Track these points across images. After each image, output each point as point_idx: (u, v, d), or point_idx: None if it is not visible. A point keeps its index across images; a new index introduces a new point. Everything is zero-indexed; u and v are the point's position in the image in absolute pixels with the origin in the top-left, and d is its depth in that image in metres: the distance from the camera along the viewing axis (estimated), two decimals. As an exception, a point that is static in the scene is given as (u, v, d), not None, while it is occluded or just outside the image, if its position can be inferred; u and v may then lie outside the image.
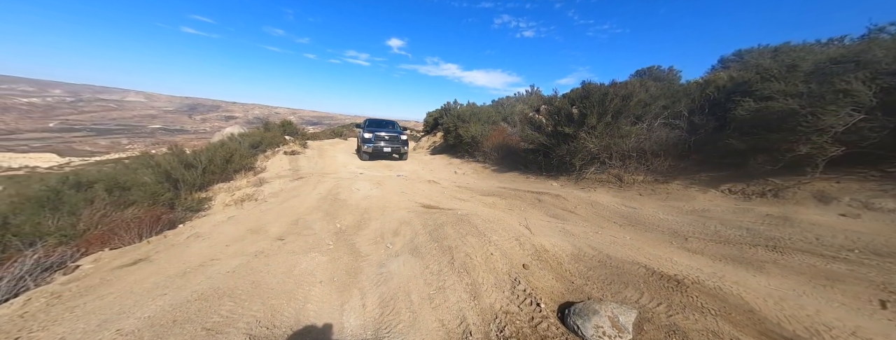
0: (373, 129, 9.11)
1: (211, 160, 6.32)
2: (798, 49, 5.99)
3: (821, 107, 3.30)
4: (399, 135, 9.01)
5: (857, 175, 3.25)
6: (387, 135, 8.69)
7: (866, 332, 1.45)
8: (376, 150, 8.56)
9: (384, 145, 8.61)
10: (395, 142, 8.83)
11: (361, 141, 8.95)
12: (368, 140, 8.57)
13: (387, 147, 8.65)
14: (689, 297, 1.83)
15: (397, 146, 8.86)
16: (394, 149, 8.81)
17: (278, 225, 3.48)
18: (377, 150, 8.57)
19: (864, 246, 2.26)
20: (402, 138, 9.07)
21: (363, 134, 8.91)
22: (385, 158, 9.14)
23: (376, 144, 8.53)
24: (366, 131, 8.95)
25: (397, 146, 8.86)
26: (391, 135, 8.80)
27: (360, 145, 9.18)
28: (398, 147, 8.89)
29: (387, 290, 2.04)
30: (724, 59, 10.05)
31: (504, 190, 5.22)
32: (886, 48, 3.38)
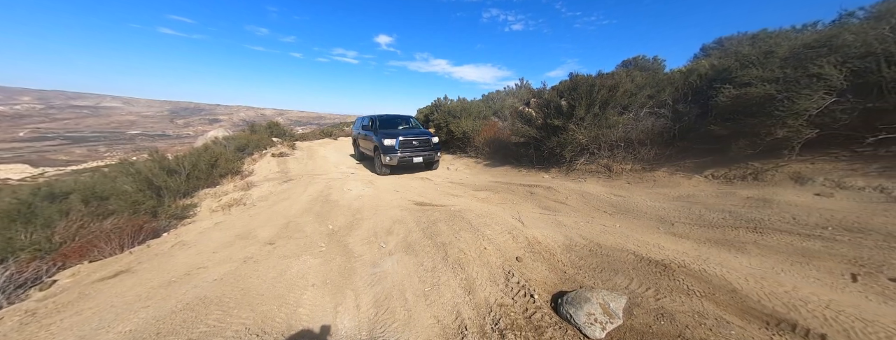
0: (391, 132, 6.64)
1: (195, 165, 6.12)
2: (774, 35, 6.17)
3: (796, 91, 3.42)
4: (430, 137, 6.63)
5: (830, 156, 3.39)
6: (416, 140, 6.34)
7: (839, 305, 1.53)
8: (404, 161, 6.11)
9: (414, 154, 6.18)
10: (426, 148, 6.49)
11: (381, 149, 6.17)
12: (390, 148, 6.10)
13: (418, 156, 6.21)
14: (675, 281, 1.89)
15: (430, 153, 6.47)
16: (426, 158, 6.39)
17: (268, 229, 3.41)
18: (405, 161, 6.12)
19: (837, 223, 2.37)
20: (434, 141, 6.70)
21: (381, 140, 6.18)
22: (413, 170, 6.90)
23: (404, 153, 6.11)
24: (383, 136, 6.28)
25: (430, 153, 6.47)
26: (421, 139, 6.43)
27: (376, 155, 6.50)
28: (431, 154, 6.50)
29: (381, 290, 2.03)
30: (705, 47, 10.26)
31: (496, 185, 5.25)
32: (855, 32, 3.50)
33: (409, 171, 6.81)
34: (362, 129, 7.92)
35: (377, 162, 6.55)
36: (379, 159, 6.39)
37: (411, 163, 6.31)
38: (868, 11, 4.12)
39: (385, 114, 7.87)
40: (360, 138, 8.06)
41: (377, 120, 7.31)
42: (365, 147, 7.71)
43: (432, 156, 6.61)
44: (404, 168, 6.61)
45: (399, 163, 6.12)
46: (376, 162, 6.59)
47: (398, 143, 6.16)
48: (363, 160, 8.48)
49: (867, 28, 3.47)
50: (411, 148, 6.38)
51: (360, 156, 8.50)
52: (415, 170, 6.94)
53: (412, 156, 6.26)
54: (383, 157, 6.12)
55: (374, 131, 6.92)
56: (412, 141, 6.35)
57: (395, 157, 6.07)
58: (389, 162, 6.11)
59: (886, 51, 3.12)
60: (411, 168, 6.75)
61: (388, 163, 6.14)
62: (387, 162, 6.13)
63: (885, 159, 3.07)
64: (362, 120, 8.37)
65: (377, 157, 6.50)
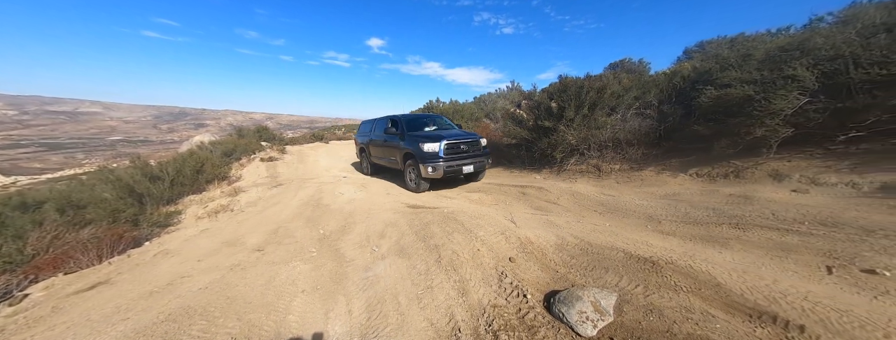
0: (428, 134, 5.16)
1: (179, 171, 5.94)
2: (751, 39, 6.44)
3: (772, 91, 3.57)
4: (478, 139, 5.25)
5: (805, 153, 3.54)
6: (464, 144, 4.92)
7: (816, 296, 1.60)
8: (452, 171, 4.68)
9: (463, 161, 4.77)
10: (476, 153, 5.08)
11: (418, 157, 4.73)
12: (432, 155, 4.65)
13: (467, 163, 4.78)
14: (663, 277, 1.93)
15: (481, 159, 5.07)
16: (477, 166, 4.98)
17: (256, 235, 3.33)
18: (453, 171, 4.69)
19: (813, 218, 2.48)
20: (483, 144, 5.33)
21: (417, 146, 4.78)
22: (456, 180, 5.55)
23: (451, 161, 4.68)
24: (419, 140, 4.83)
25: (481, 159, 5.07)
26: (468, 141, 5.03)
27: (408, 166, 5.10)
28: (482, 161, 5.09)
29: (373, 294, 2.01)
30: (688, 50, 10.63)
31: (489, 186, 5.27)
32: (825, 36, 3.70)
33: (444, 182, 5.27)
34: (380, 135, 6.11)
35: (410, 175, 5.01)
36: (414, 171, 4.88)
37: (460, 172, 4.75)
38: (836, 16, 4.35)
39: (408, 114, 6.43)
40: (374, 146, 6.43)
41: (402, 121, 5.60)
42: (383, 156, 6.10)
43: (483, 162, 5.12)
44: (451, 177, 4.94)
45: (445, 173, 4.57)
46: (409, 175, 5.06)
47: (443, 149, 4.66)
48: (377, 173, 6.94)
49: (836, 32, 3.67)
50: (459, 154, 4.86)
51: (371, 168, 6.84)
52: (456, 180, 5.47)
53: (461, 163, 4.73)
54: (423, 168, 4.57)
55: (399, 136, 5.36)
56: (460, 144, 4.86)
57: (440, 167, 4.53)
58: (432, 173, 4.54)
59: (853, 53, 3.30)
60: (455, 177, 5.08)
61: (430, 175, 4.56)
62: (429, 174, 4.55)
63: (855, 156, 3.23)
64: (375, 123, 6.64)
65: (410, 169, 4.99)
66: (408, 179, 5.22)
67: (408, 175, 5.20)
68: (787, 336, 1.38)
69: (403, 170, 5.34)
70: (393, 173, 6.64)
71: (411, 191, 5.10)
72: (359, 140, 7.42)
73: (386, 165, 6.28)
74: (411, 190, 5.12)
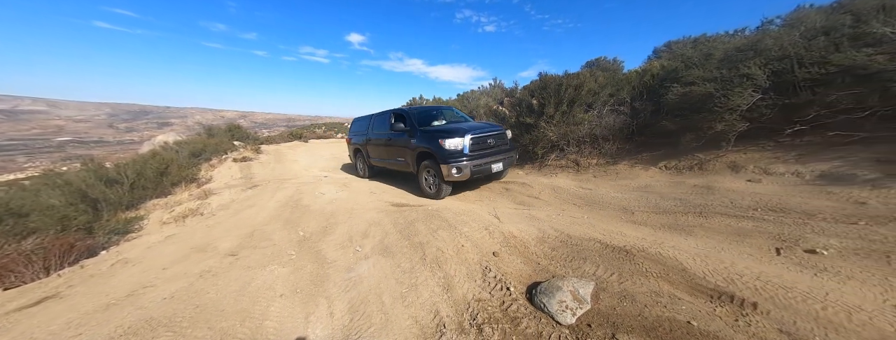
0: (447, 128, 4.39)
1: (140, 173, 5.49)
2: (712, 39, 6.91)
3: (730, 89, 3.86)
4: (504, 132, 4.59)
5: (758, 146, 3.87)
6: (491, 137, 4.25)
7: (766, 275, 1.76)
8: (480, 170, 4.00)
9: (492, 158, 4.13)
10: (504, 147, 4.46)
11: (439, 157, 3.98)
12: (456, 153, 3.91)
13: (496, 160, 4.15)
14: (636, 264, 2.05)
15: (509, 155, 4.46)
16: (506, 162, 4.35)
17: (230, 239, 3.16)
18: (481, 170, 4.01)
19: (765, 205, 2.72)
20: (509, 136, 4.73)
21: (436, 143, 4.04)
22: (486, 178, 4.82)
23: (478, 159, 3.99)
24: (437, 135, 4.11)
25: (509, 155, 4.46)
26: (495, 134, 4.34)
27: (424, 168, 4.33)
28: (511, 157, 4.50)
29: (356, 295, 1.97)
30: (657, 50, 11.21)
31: (473, 183, 5.32)
32: (775, 38, 4.03)
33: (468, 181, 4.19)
34: (382, 132, 5.28)
35: (427, 178, 4.28)
36: (432, 173, 4.16)
37: (490, 170, 4.07)
38: (784, 19, 4.75)
39: (416, 107, 5.54)
40: (373, 146, 5.63)
41: (412, 115, 4.77)
42: (386, 157, 5.27)
43: (512, 158, 4.51)
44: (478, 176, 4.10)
45: (473, 174, 3.87)
46: (425, 178, 4.31)
47: (469, 145, 3.93)
48: (376, 176, 6.20)
49: (783, 34, 4.01)
50: (487, 149, 4.15)
51: (370, 171, 6.09)
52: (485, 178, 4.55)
53: (490, 161, 4.06)
54: (446, 169, 3.82)
55: (408, 132, 4.61)
56: (487, 138, 4.16)
57: (467, 166, 3.81)
58: (457, 175, 3.81)
59: (798, 54, 3.63)
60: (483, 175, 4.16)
61: (455, 177, 3.82)
62: (454, 176, 3.81)
63: (800, 147, 3.57)
64: (373, 120, 5.78)
65: (427, 172, 4.25)
66: (423, 184, 4.35)
67: (423, 178, 4.35)
68: (742, 313, 1.51)
69: (416, 172, 4.47)
70: (396, 177, 5.87)
71: (430, 198, 4.27)
72: (353, 140, 6.49)
73: (390, 168, 5.34)
74: (430, 197, 4.29)
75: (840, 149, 3.25)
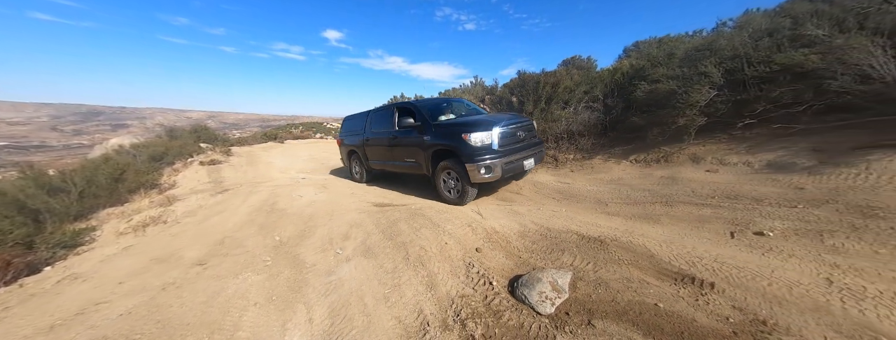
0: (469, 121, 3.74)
1: (90, 180, 4.99)
2: (674, 39, 7.38)
3: (690, 86, 4.15)
4: (532, 123, 4.15)
5: (715, 139, 4.20)
6: (522, 130, 3.75)
7: (722, 257, 1.93)
8: (512, 169, 3.49)
9: (523, 154, 3.65)
10: (533, 142, 4.02)
11: (463, 155, 3.39)
12: (484, 150, 3.35)
13: (527, 157, 3.68)
14: (609, 253, 2.17)
15: (539, 150, 3.99)
16: (537, 159, 3.89)
17: (197, 248, 2.96)
18: (513, 168, 3.50)
19: (721, 193, 2.97)
20: (535, 128, 4.26)
21: (456, 138, 3.50)
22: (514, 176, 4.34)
23: (509, 156, 3.46)
24: (457, 129, 3.57)
25: (539, 150, 3.99)
26: (525, 125, 3.86)
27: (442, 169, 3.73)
28: (540, 152, 4.05)
29: (337, 298, 1.93)
30: (627, 49, 11.80)
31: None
32: (728, 38, 4.38)
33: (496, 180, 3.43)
34: (384, 130, 4.68)
35: (447, 181, 3.71)
36: (453, 175, 3.59)
37: (522, 169, 3.59)
38: (735, 21, 5.16)
39: (424, 100, 4.94)
40: (372, 147, 5.01)
41: (423, 108, 4.14)
42: (390, 159, 4.68)
43: (542, 153, 4.05)
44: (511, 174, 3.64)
45: (504, 172, 3.35)
46: (444, 181, 3.73)
47: (497, 139, 3.40)
48: (375, 181, 5.57)
49: (734, 35, 4.36)
50: (517, 143, 3.65)
51: (368, 175, 5.48)
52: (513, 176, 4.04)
53: (522, 157, 3.57)
54: (473, 169, 3.27)
55: (419, 129, 4.01)
56: (516, 131, 3.65)
57: (498, 165, 3.28)
58: (487, 176, 3.27)
59: (747, 54, 3.97)
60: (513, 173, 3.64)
61: (484, 178, 3.27)
62: (482, 176, 3.26)
63: (750, 140, 3.92)
64: (370, 117, 5.13)
65: (446, 173, 3.66)
66: (442, 188, 3.77)
67: (441, 182, 3.75)
68: (702, 293, 1.65)
69: (432, 175, 3.88)
70: (401, 181, 5.26)
71: (452, 204, 3.65)
72: (346, 141, 5.82)
73: (396, 171, 4.70)
74: (451, 203, 3.68)
75: (783, 140, 3.61)
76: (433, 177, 3.91)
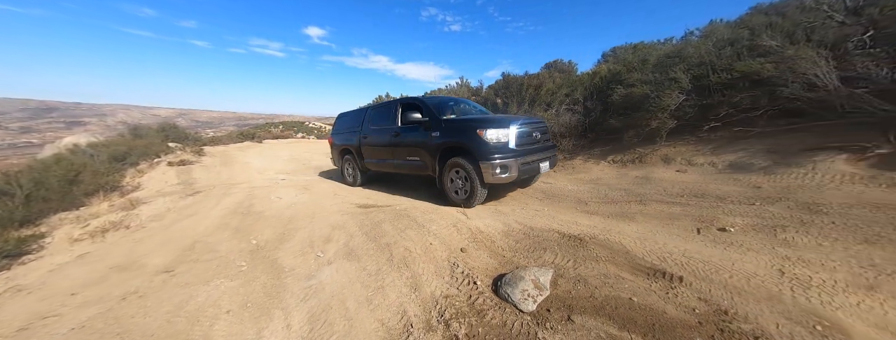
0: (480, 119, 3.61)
1: (39, 182, 4.54)
2: (647, 46, 7.79)
3: (661, 91, 4.39)
4: (546, 125, 4.00)
5: (684, 141, 4.48)
6: (537, 131, 3.59)
7: (690, 252, 2.06)
8: (527, 170, 3.32)
9: (539, 156, 3.49)
10: (548, 143, 3.87)
11: (477, 153, 3.16)
12: (498, 148, 3.17)
13: (543, 159, 3.53)
14: (588, 251, 2.25)
15: (553, 152, 3.84)
16: (552, 162, 3.73)
17: (163, 254, 2.77)
18: (528, 170, 3.34)
19: (689, 191, 3.17)
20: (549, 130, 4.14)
21: (470, 135, 3.31)
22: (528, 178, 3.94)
23: (525, 156, 3.30)
24: (481, 125, 3.29)
25: (553, 152, 3.84)
26: (540, 127, 3.68)
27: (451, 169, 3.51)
28: (554, 155, 3.87)
29: (317, 303, 1.87)
30: (605, 54, 12.33)
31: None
32: (695, 46, 4.68)
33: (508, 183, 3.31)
34: (384, 128, 4.43)
35: (455, 180, 3.48)
36: (462, 175, 3.37)
37: (537, 171, 3.44)
38: (701, 31, 5.53)
39: (429, 97, 4.66)
40: (370, 146, 4.71)
41: (430, 105, 3.88)
42: (389, 159, 4.43)
43: (555, 156, 3.88)
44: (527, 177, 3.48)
45: (520, 173, 3.19)
46: (452, 181, 3.52)
47: (514, 137, 3.25)
48: (370, 183, 5.29)
49: (701, 44, 4.67)
50: (533, 144, 3.50)
51: (363, 177, 5.11)
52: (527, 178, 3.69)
53: (538, 159, 3.42)
54: (487, 169, 3.09)
55: (424, 125, 3.76)
56: (532, 131, 3.49)
57: (514, 166, 3.11)
58: (503, 176, 3.09)
59: (711, 61, 4.26)
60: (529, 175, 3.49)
61: (500, 178, 3.10)
62: (498, 177, 3.08)
63: (714, 142, 4.21)
64: (367, 114, 4.85)
65: (456, 173, 3.45)
66: (448, 188, 3.55)
67: (448, 181, 3.53)
68: (671, 287, 1.75)
69: (438, 174, 3.65)
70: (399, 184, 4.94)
71: (460, 207, 3.45)
72: (338, 141, 5.48)
73: (397, 172, 4.46)
74: (459, 206, 3.46)
75: (743, 142, 3.91)
76: (439, 177, 3.67)
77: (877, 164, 2.82)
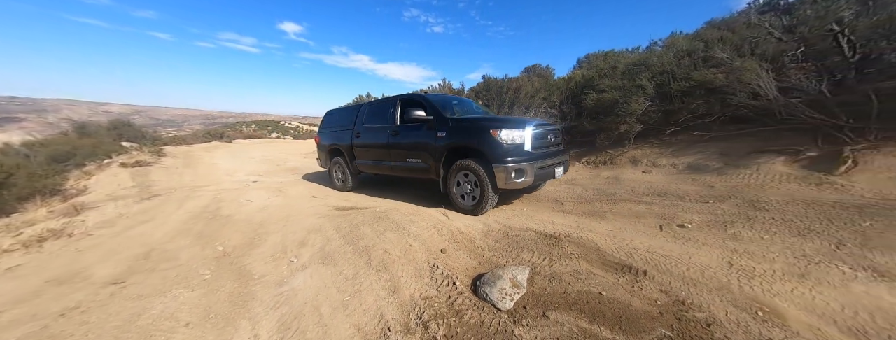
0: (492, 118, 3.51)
1: (-42, 188, 3.95)
2: (617, 54, 8.29)
3: (629, 96, 4.68)
4: (559, 128, 3.92)
5: (649, 143, 4.81)
6: (552, 134, 3.50)
7: (653, 248, 2.22)
8: (543, 175, 3.14)
9: (555, 160, 3.33)
10: (560, 148, 3.70)
11: (491, 155, 2.96)
12: (513, 150, 2.97)
13: (558, 164, 3.37)
14: (563, 248, 2.35)
15: (566, 157, 3.68)
16: (565, 167, 3.58)
17: (112, 264, 2.52)
18: (545, 175, 3.16)
19: (653, 191, 3.40)
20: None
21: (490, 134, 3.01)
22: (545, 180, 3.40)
23: (540, 159, 3.11)
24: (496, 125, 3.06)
25: (566, 157, 3.68)
26: (553, 130, 3.59)
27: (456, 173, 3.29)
28: (567, 160, 3.69)
29: (289, 310, 1.79)
30: (580, 60, 12.96)
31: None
32: (658, 56, 5.05)
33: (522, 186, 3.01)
34: (381, 126, 4.10)
35: (462, 186, 3.26)
36: (470, 179, 3.17)
37: (552, 176, 3.25)
38: (663, 42, 5.98)
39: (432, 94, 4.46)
40: (363, 147, 4.39)
41: (435, 102, 3.63)
42: (386, 160, 4.11)
43: (567, 161, 3.67)
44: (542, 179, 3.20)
45: (536, 178, 3.01)
46: (459, 185, 3.28)
47: (530, 139, 3.04)
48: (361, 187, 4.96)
49: (663, 54, 5.04)
50: (548, 147, 3.36)
51: (352, 177, 4.74)
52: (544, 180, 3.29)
53: (553, 163, 3.25)
54: (502, 173, 2.89)
55: (429, 123, 3.49)
56: (547, 133, 3.36)
57: (530, 170, 2.93)
58: (518, 181, 2.90)
59: (672, 70, 4.61)
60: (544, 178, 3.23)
61: (514, 183, 2.90)
62: (512, 182, 2.89)
63: (676, 145, 4.56)
64: (360, 112, 4.51)
65: (463, 176, 3.23)
66: (454, 193, 3.31)
67: (456, 186, 3.29)
68: (637, 280, 1.87)
69: (442, 178, 3.39)
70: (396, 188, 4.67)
71: (468, 214, 3.23)
72: (326, 140, 5.09)
73: (394, 174, 4.16)
74: (467, 213, 3.24)
75: (700, 146, 4.27)
76: (444, 181, 3.39)
77: (808, 166, 3.20)
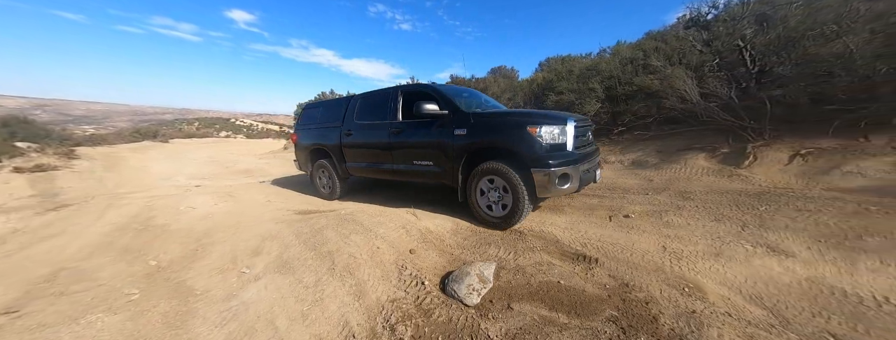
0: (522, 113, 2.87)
1: None
2: (573, 59, 8.95)
3: (583, 98, 5.09)
4: (592, 125, 3.41)
5: (601, 142, 5.28)
6: (590, 132, 3.15)
7: (603, 237, 2.45)
8: (588, 177, 2.72)
9: (594, 161, 2.93)
10: (593, 145, 3.23)
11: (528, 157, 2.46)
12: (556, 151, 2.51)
13: (596, 164, 3.01)
14: (526, 242, 2.48)
15: (597, 159, 3.17)
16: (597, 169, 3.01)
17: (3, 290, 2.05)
18: (588, 177, 2.72)
19: (605, 186, 3.76)
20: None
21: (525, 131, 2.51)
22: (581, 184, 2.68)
23: (582, 161, 2.61)
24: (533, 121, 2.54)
25: (597, 159, 3.17)
26: (588, 126, 3.11)
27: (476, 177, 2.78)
28: (597, 161, 3.12)
29: (238, 326, 1.63)
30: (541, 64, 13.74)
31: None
32: (607, 62, 5.55)
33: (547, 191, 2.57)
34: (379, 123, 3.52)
35: (488, 195, 2.79)
36: (497, 186, 2.71)
37: (593, 180, 2.87)
38: (611, 49, 6.59)
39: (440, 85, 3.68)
40: (354, 148, 3.83)
41: (448, 94, 3.13)
42: (384, 162, 3.59)
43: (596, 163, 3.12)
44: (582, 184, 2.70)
45: (580, 185, 2.60)
46: (484, 193, 2.83)
47: (572, 138, 2.60)
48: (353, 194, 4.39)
49: (610, 60, 5.56)
50: (589, 148, 3.02)
51: (341, 183, 4.11)
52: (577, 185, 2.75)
53: (593, 166, 2.90)
54: (544, 177, 2.44)
55: (443, 119, 2.98)
56: (587, 132, 3.03)
57: (576, 173, 2.51)
58: (563, 187, 2.49)
59: (618, 75, 5.11)
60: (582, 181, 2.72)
61: (559, 190, 2.48)
62: (555, 188, 2.46)
63: (622, 143, 5.07)
64: (349, 105, 3.90)
65: (488, 182, 2.77)
66: (480, 203, 2.83)
67: (480, 193, 2.82)
68: (589, 268, 2.06)
69: (460, 184, 2.93)
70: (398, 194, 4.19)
71: (493, 228, 2.78)
72: (305, 139, 4.35)
73: (396, 179, 3.69)
74: (492, 226, 2.79)
75: (641, 144, 4.81)
76: (464, 188, 2.89)
77: (722, 160, 3.79)
